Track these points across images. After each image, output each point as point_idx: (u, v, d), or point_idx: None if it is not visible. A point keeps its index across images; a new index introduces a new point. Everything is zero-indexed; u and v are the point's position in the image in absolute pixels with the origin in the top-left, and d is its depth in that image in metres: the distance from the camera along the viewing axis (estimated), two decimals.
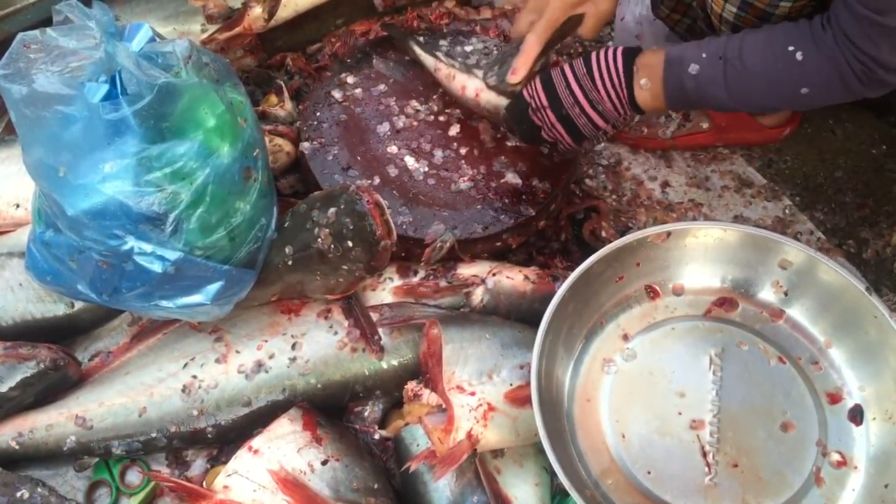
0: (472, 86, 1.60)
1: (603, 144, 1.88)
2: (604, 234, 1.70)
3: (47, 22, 1.17)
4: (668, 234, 1.38)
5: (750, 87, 1.31)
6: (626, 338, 1.39)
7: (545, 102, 1.46)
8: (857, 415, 1.30)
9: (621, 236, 1.65)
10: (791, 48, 1.27)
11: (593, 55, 1.42)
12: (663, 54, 1.37)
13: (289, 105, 1.73)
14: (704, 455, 1.28)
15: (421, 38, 1.73)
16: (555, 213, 1.67)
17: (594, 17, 1.51)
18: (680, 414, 1.31)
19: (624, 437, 1.30)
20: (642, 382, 1.34)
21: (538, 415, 1.19)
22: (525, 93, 1.50)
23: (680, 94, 1.36)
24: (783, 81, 1.29)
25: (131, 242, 1.18)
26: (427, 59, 1.69)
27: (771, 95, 1.32)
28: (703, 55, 1.33)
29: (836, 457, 1.28)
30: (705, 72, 1.32)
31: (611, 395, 1.34)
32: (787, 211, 1.79)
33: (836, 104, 1.58)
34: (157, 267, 1.20)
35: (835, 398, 1.32)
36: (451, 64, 1.65)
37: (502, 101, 1.56)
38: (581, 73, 1.41)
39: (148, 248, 1.19)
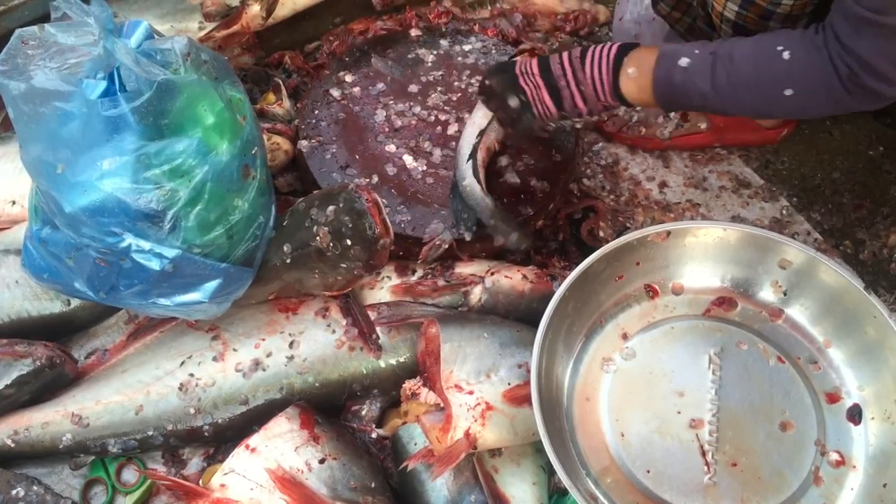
0: None
1: (600, 144, 1.88)
2: (601, 233, 1.70)
3: (45, 18, 1.16)
4: (668, 233, 1.38)
5: (735, 83, 1.31)
6: (625, 337, 1.39)
7: (535, 70, 1.46)
8: (855, 414, 1.30)
9: (618, 236, 1.66)
10: (780, 48, 1.27)
11: (591, 46, 1.44)
12: (659, 49, 1.38)
13: (287, 103, 1.73)
14: (703, 454, 1.28)
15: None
16: (553, 213, 1.67)
17: None
18: (679, 413, 1.31)
19: (623, 436, 1.30)
20: (642, 382, 1.34)
21: (538, 413, 1.19)
22: (517, 64, 1.50)
23: (667, 87, 1.36)
24: (767, 80, 1.28)
25: (129, 240, 1.18)
26: None
27: (755, 94, 1.31)
28: (696, 51, 1.33)
29: (834, 456, 1.28)
30: (694, 65, 1.32)
31: (610, 395, 1.34)
32: (784, 212, 1.80)
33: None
34: (154, 265, 1.20)
35: (833, 398, 1.32)
36: None
37: None
38: (575, 55, 1.44)
39: (146, 245, 1.19)
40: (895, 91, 1.24)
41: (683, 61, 1.33)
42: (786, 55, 1.26)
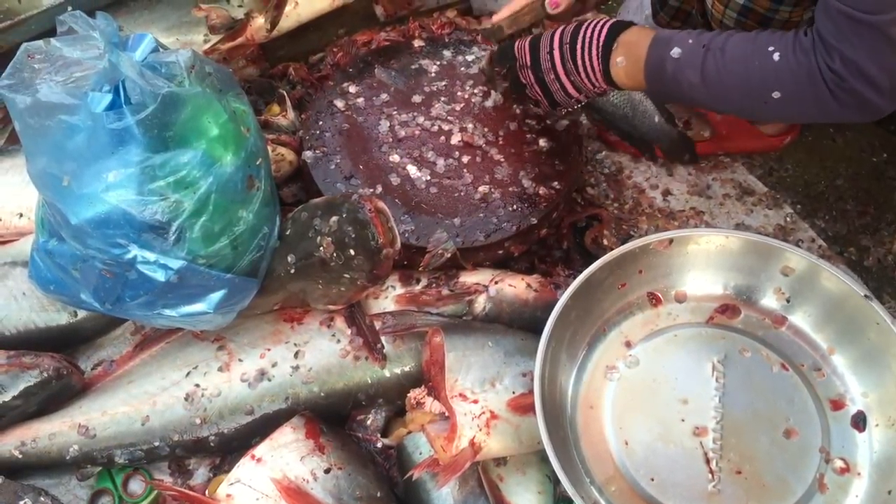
0: None
1: (604, 153, 1.88)
2: (605, 242, 1.70)
3: (52, 32, 1.17)
4: (671, 240, 1.38)
5: (724, 78, 1.29)
6: (628, 345, 1.39)
7: (528, 62, 1.50)
8: (859, 421, 1.30)
9: (623, 244, 1.66)
10: (771, 48, 1.25)
11: (584, 24, 1.43)
12: (652, 34, 1.37)
13: (291, 114, 1.73)
14: (708, 462, 1.28)
15: None
16: (556, 222, 1.67)
17: None
18: (683, 421, 1.31)
19: (627, 444, 1.30)
20: (645, 389, 1.35)
21: (541, 422, 1.19)
22: (515, 47, 1.54)
23: (658, 74, 1.36)
24: (756, 79, 1.27)
25: (134, 251, 1.19)
26: None
27: (743, 92, 1.30)
28: (690, 41, 1.32)
29: (839, 463, 1.28)
30: (686, 56, 1.32)
31: (614, 402, 1.34)
32: (788, 219, 1.80)
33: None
34: (160, 276, 1.20)
35: (837, 405, 1.32)
36: None
37: None
38: (565, 40, 1.44)
39: (151, 256, 1.19)
40: (884, 102, 1.21)
41: (675, 51, 1.32)
42: (776, 56, 1.24)
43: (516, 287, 1.49)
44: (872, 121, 1.26)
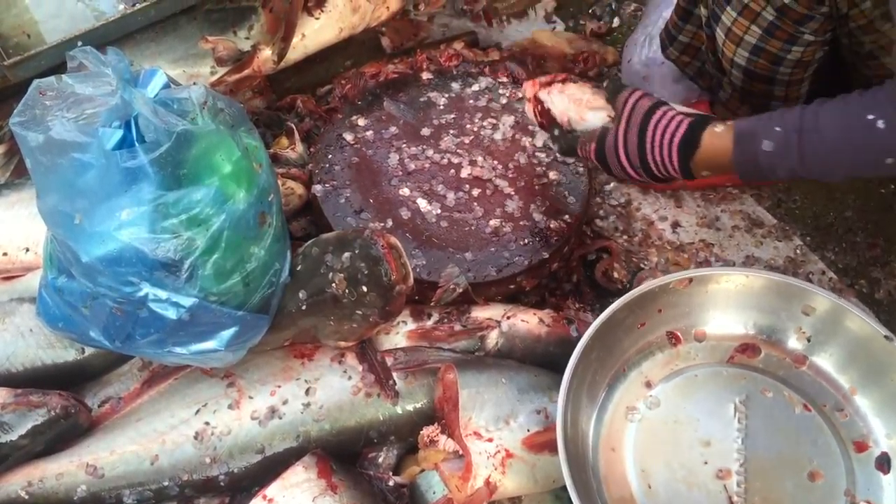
0: None
1: (612, 185, 1.88)
2: (616, 275, 1.69)
3: (61, 67, 1.16)
4: (691, 279, 1.37)
5: (829, 159, 1.24)
6: (648, 385, 1.38)
7: (602, 170, 1.45)
8: (884, 463, 1.29)
9: (633, 277, 1.65)
10: (871, 117, 1.18)
11: (647, 150, 1.35)
12: (730, 136, 1.29)
13: (300, 147, 1.72)
14: None
15: None
16: (567, 255, 1.66)
17: None
18: (706, 463, 1.29)
19: (650, 487, 1.28)
20: (667, 431, 1.33)
21: (565, 466, 1.17)
22: (579, 152, 1.45)
23: (752, 170, 1.30)
24: (865, 151, 1.21)
25: (146, 289, 1.17)
26: None
27: (852, 166, 1.25)
28: (777, 128, 1.25)
29: None
30: (779, 147, 1.25)
31: (635, 445, 1.32)
32: (798, 251, 1.79)
33: None
34: (171, 313, 1.19)
35: (861, 446, 1.31)
36: None
37: None
38: (636, 163, 1.37)
39: (163, 294, 1.18)
40: None
41: (766, 145, 1.25)
42: (880, 124, 1.17)
43: (529, 322, 1.48)
44: None
